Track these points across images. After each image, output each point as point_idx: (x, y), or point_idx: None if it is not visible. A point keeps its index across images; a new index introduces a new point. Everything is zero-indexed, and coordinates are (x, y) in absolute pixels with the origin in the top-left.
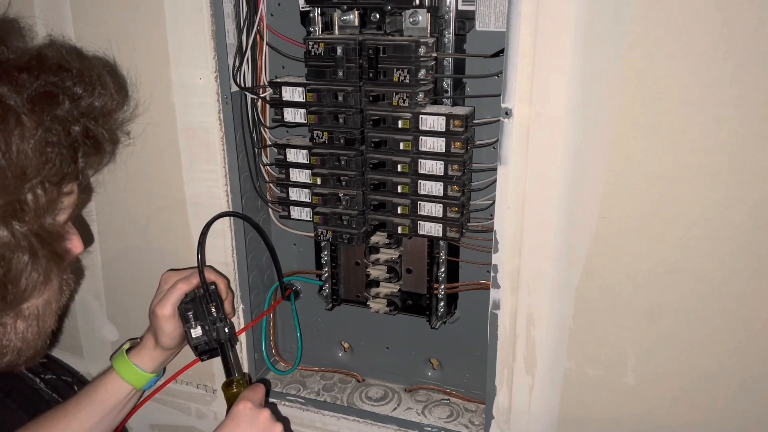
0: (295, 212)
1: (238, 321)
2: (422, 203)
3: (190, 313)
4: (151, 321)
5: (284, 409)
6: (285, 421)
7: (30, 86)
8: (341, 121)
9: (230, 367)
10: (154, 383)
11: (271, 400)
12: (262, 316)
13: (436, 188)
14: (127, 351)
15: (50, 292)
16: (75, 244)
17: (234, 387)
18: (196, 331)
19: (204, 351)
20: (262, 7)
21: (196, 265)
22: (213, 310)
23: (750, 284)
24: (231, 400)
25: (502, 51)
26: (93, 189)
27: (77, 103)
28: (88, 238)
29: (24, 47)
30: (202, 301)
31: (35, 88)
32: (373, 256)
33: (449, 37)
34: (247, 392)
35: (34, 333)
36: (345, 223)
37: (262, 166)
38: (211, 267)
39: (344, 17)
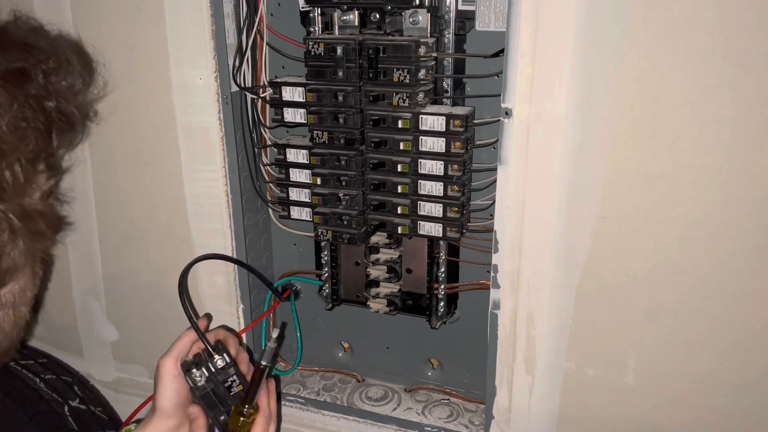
0: (295, 212)
1: (238, 321)
2: (422, 203)
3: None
4: (154, 382)
5: (284, 409)
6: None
7: (1, 63)
8: (341, 121)
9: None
10: None
11: None
12: (262, 317)
13: (436, 188)
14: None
15: (26, 278)
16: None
17: (245, 416)
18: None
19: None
20: (262, 7)
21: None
22: (219, 362)
23: (750, 284)
24: (235, 428)
25: (502, 51)
26: (64, 170)
27: (48, 80)
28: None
29: None
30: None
31: (5, 64)
32: (373, 256)
33: (449, 37)
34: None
35: (10, 322)
36: (345, 223)
37: (262, 166)
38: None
39: (344, 17)
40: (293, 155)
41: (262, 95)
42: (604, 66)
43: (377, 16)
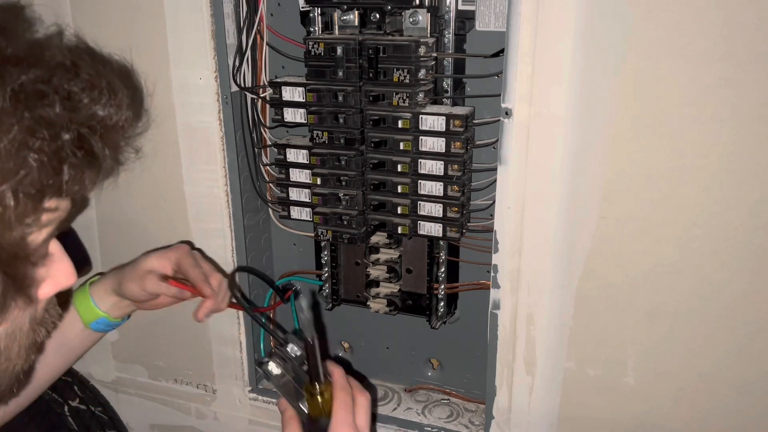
0: (295, 212)
1: (238, 321)
2: (422, 203)
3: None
4: (131, 268)
5: None
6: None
7: (16, 79)
8: (341, 121)
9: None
10: (105, 329)
11: (271, 400)
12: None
13: (436, 188)
14: (90, 283)
15: (13, 325)
16: (60, 273)
17: (319, 394)
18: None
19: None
20: (262, 7)
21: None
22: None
23: (750, 284)
24: (316, 410)
25: (502, 51)
26: (85, 204)
27: (74, 107)
28: (83, 266)
29: (25, 38)
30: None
31: (22, 82)
32: (373, 256)
33: (449, 37)
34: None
35: None
36: (345, 223)
37: (262, 166)
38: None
39: (344, 17)
40: (293, 155)
41: (262, 95)
42: (604, 66)
43: (377, 16)
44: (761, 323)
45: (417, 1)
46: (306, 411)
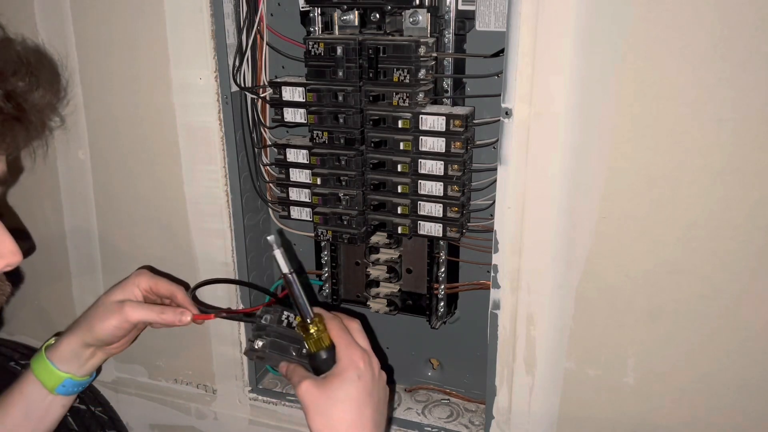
0: (295, 212)
1: (239, 322)
2: (422, 203)
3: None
4: (98, 311)
5: (284, 409)
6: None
7: None
8: (341, 121)
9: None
10: (74, 390)
11: (271, 400)
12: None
13: (436, 188)
14: (47, 348)
15: None
16: (6, 250)
17: (313, 327)
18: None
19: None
20: (262, 7)
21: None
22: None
23: (750, 284)
24: (318, 344)
25: (502, 51)
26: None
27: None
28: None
29: None
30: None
31: None
32: (373, 256)
33: (449, 37)
34: (353, 337)
35: None
36: (345, 223)
37: (262, 166)
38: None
39: (344, 17)
40: (293, 155)
41: (262, 95)
42: (604, 66)
43: (377, 16)
44: (761, 323)
45: (417, 1)
46: (307, 352)
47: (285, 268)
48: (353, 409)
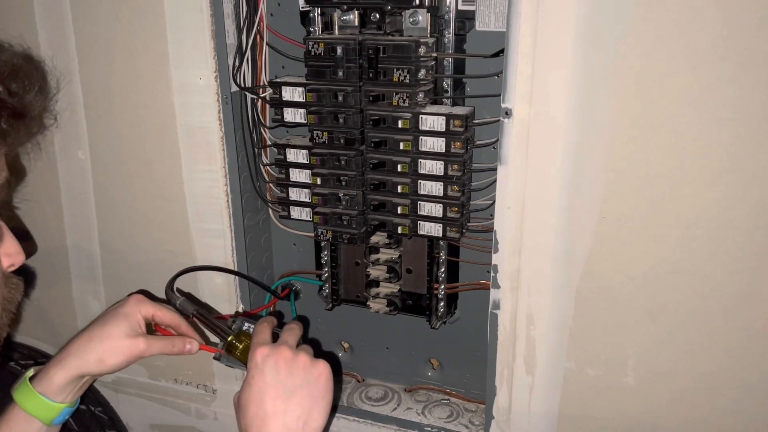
0: (295, 212)
1: None
2: (422, 203)
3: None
4: (102, 343)
5: None
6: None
7: None
8: (341, 121)
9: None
10: (66, 418)
11: None
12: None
13: (436, 188)
14: (31, 378)
15: None
16: (12, 250)
17: (237, 343)
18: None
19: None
20: (262, 7)
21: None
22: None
23: (750, 284)
24: (243, 356)
25: (502, 51)
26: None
27: None
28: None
29: None
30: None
31: None
32: (373, 256)
33: (449, 37)
34: (258, 336)
35: None
36: (345, 223)
37: (262, 166)
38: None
39: (344, 17)
40: (293, 155)
41: (262, 95)
42: (604, 66)
43: (377, 16)
44: (761, 323)
45: (417, 1)
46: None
47: (189, 311)
48: (257, 404)
